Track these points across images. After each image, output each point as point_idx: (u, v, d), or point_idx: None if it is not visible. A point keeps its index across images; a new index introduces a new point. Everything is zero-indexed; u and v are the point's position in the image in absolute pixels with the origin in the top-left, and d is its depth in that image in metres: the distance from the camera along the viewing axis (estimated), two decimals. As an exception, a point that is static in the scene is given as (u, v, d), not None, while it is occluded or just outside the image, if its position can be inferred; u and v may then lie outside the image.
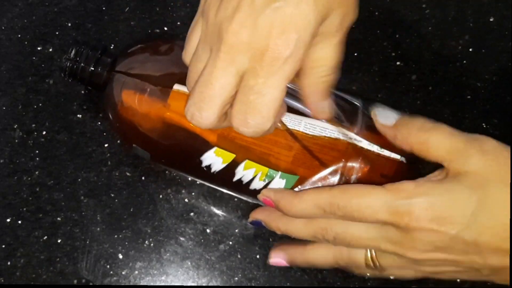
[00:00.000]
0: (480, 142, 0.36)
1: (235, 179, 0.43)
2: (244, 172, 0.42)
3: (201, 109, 0.35)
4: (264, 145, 0.42)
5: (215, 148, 0.42)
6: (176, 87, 0.41)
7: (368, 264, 0.39)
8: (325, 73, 0.36)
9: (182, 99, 0.41)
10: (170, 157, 0.46)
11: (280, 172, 0.41)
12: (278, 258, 0.43)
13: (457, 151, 0.36)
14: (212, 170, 0.43)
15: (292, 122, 0.41)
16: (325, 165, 0.40)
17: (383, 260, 0.38)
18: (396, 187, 0.35)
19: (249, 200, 0.46)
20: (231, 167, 0.42)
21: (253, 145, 0.42)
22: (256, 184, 0.43)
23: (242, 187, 0.43)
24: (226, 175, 0.43)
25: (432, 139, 0.37)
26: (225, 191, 0.48)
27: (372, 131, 0.41)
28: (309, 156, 0.41)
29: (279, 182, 0.42)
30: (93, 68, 0.45)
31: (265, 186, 0.42)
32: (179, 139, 0.43)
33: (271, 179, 0.42)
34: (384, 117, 0.39)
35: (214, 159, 0.43)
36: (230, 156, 0.42)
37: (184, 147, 0.43)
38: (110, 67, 0.45)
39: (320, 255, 0.41)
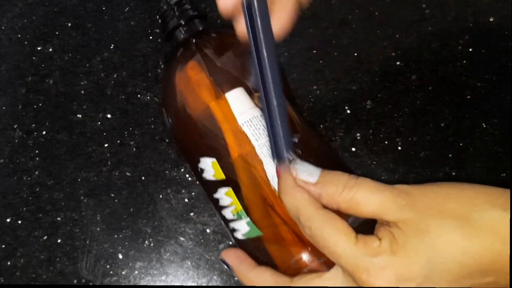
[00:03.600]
0: (406, 191, 0.36)
1: (214, 196, 0.43)
2: (224, 196, 0.43)
3: None
4: (259, 183, 0.42)
5: (214, 160, 0.42)
6: (233, 93, 0.42)
7: None
8: None
9: (227, 107, 0.42)
10: (183, 138, 0.46)
11: (249, 219, 0.41)
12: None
13: (387, 206, 0.36)
14: (203, 175, 0.43)
15: None
16: (290, 247, 0.41)
17: None
18: (365, 241, 0.35)
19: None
20: (216, 184, 0.43)
21: (245, 183, 0.42)
22: (227, 213, 0.43)
23: (217, 206, 0.43)
24: (210, 187, 0.43)
25: (359, 195, 0.36)
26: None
27: None
28: (280, 233, 0.41)
29: (243, 225, 0.42)
30: (182, 23, 0.45)
31: (232, 221, 0.42)
32: (201, 129, 0.43)
33: (239, 218, 0.42)
34: (306, 174, 0.38)
35: (209, 168, 0.43)
36: (221, 176, 0.42)
37: (198, 138, 0.44)
38: (194, 33, 0.45)
39: None
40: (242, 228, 0.42)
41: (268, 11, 0.37)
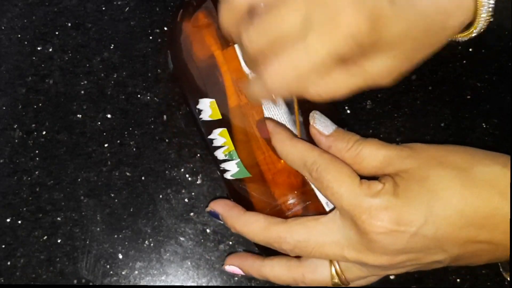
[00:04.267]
0: (409, 146, 0.37)
1: (208, 137, 0.44)
2: (218, 137, 0.44)
3: None
4: (252, 133, 0.43)
5: (213, 100, 0.43)
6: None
7: (334, 282, 0.40)
8: None
9: (235, 57, 0.43)
10: (185, 80, 0.46)
11: (239, 160, 0.42)
12: (232, 266, 0.44)
13: (390, 159, 0.37)
14: (200, 116, 0.44)
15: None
16: (278, 189, 0.42)
17: (349, 274, 0.39)
18: (369, 185, 0.36)
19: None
20: (212, 125, 0.44)
21: (239, 132, 0.43)
22: (219, 154, 0.44)
23: (210, 148, 0.44)
24: (205, 128, 0.44)
25: (365, 151, 0.37)
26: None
27: None
28: (271, 175, 0.42)
29: (232, 166, 0.43)
30: None
31: (224, 161, 0.43)
32: (203, 75, 0.44)
33: (230, 159, 0.43)
34: (323, 125, 0.40)
35: (206, 108, 0.44)
36: (218, 116, 0.43)
37: (200, 81, 0.44)
38: None
39: (277, 274, 0.41)
40: (232, 168, 0.43)
41: None
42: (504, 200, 0.34)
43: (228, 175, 0.43)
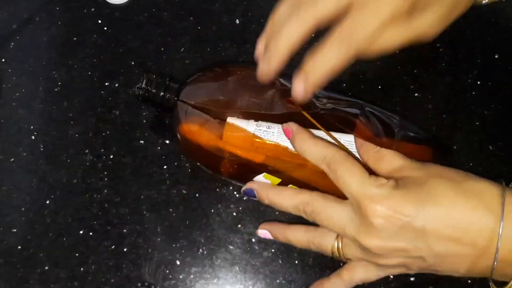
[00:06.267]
0: (422, 163, 0.42)
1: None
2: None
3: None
4: (304, 176, 0.45)
5: (264, 173, 0.45)
6: (229, 120, 0.44)
7: (333, 253, 0.44)
8: None
9: (235, 130, 0.44)
10: (227, 175, 0.49)
11: None
12: (264, 230, 0.48)
13: (402, 168, 0.41)
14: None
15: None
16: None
17: (347, 249, 0.43)
18: (376, 178, 0.40)
19: None
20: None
21: (299, 171, 0.45)
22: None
23: None
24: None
25: (387, 156, 0.42)
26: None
27: None
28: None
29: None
30: (163, 93, 0.46)
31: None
32: (232, 165, 0.46)
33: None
34: None
35: (265, 181, 0.46)
36: (277, 181, 0.45)
37: (237, 171, 0.46)
38: (177, 92, 0.46)
39: (296, 236, 0.46)
40: None
41: None
42: (487, 210, 0.37)
43: None
